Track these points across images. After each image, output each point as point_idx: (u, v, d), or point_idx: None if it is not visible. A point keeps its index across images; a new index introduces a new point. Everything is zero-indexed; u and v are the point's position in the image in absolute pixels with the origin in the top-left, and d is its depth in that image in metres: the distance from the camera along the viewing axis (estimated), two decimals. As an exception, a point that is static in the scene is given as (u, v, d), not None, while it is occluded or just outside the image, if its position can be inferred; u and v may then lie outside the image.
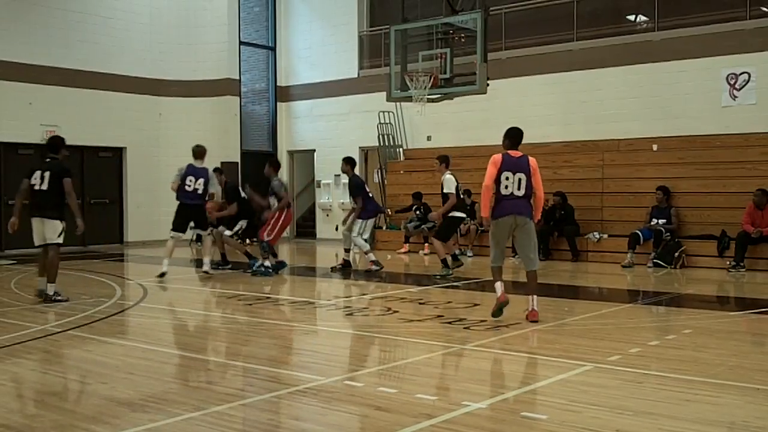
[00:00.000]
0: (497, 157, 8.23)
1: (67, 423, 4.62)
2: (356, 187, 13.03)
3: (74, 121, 18.28)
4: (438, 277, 11.87)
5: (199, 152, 12.60)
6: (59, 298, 9.40)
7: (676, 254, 13.26)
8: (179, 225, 12.22)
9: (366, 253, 13.02)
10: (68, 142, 17.67)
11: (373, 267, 12.77)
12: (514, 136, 8.45)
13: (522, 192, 8.03)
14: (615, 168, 15.29)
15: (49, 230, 9.35)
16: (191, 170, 12.30)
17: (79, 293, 10.21)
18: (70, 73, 18.38)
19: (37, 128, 17.77)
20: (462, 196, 12.73)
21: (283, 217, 12.37)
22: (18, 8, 17.67)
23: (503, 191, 8.05)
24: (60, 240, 9.45)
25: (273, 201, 12.41)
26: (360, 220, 12.92)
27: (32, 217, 9.43)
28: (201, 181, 12.14)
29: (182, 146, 19.69)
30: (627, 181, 14.99)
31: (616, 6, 17.28)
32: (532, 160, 8.20)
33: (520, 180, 8.04)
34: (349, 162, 13.28)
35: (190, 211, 12.17)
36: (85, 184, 18.67)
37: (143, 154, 19.81)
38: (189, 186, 12.12)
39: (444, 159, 12.14)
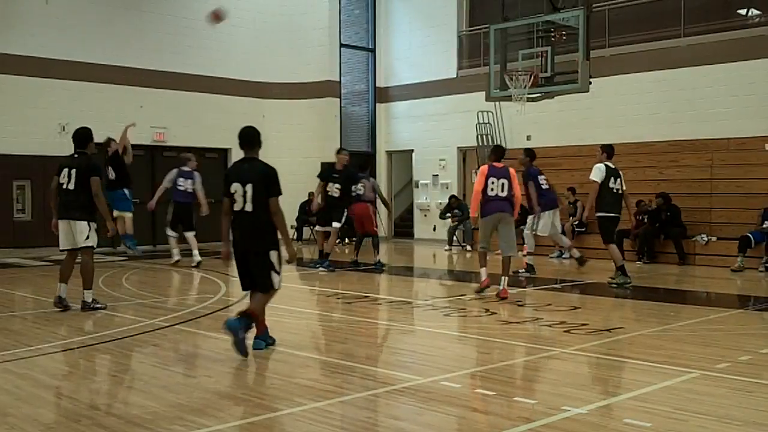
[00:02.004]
0: (484, 168, 10.10)
1: (174, 415, 4.76)
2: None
3: (182, 123, 18.95)
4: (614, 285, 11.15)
5: (185, 158, 14.02)
6: (98, 305, 8.85)
7: None
8: (174, 224, 13.68)
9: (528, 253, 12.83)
10: (176, 144, 18.88)
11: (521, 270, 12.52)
12: (498, 153, 10.40)
13: (504, 194, 9.86)
14: (724, 168, 14.72)
15: (77, 233, 8.67)
16: (181, 173, 13.65)
17: (186, 289, 10.54)
18: (179, 76, 19.02)
19: (148, 130, 18.51)
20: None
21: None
22: (129, 15, 18.41)
23: (490, 193, 9.84)
24: (90, 243, 8.78)
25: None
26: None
27: (59, 219, 8.76)
28: (189, 182, 13.54)
29: (284, 147, 20.23)
30: (737, 182, 14.41)
31: (726, 0, 16.60)
32: (511, 170, 10.12)
33: (503, 184, 9.85)
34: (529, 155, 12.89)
35: (182, 209, 13.50)
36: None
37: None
38: (181, 186, 13.52)
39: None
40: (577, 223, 15.75)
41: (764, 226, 13.21)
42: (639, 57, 16.64)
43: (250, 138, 6.79)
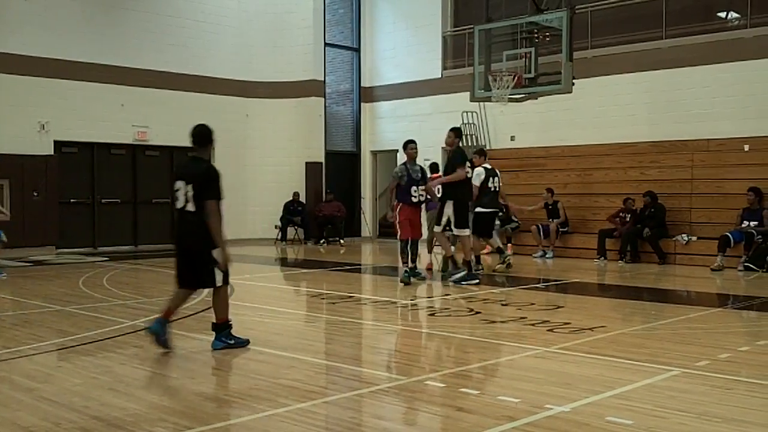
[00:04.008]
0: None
1: (156, 417, 4.74)
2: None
3: (164, 122, 18.84)
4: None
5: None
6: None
7: None
8: None
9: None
10: (158, 143, 18.82)
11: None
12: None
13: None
14: (705, 169, 14.85)
15: None
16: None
17: (168, 290, 10.48)
18: (161, 75, 18.92)
19: (129, 129, 18.44)
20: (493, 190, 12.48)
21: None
22: (111, 13, 18.27)
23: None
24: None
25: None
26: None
27: None
28: None
29: (268, 146, 20.21)
30: (717, 182, 14.54)
31: (707, 3, 16.73)
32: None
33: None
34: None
35: None
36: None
37: (230, 154, 20.20)
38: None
39: (480, 152, 12.99)
40: (561, 223, 15.84)
41: (743, 225, 13.33)
42: (621, 58, 16.73)
43: (201, 136, 6.80)
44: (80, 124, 17.65)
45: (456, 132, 11.59)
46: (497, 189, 12.61)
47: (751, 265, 12.87)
